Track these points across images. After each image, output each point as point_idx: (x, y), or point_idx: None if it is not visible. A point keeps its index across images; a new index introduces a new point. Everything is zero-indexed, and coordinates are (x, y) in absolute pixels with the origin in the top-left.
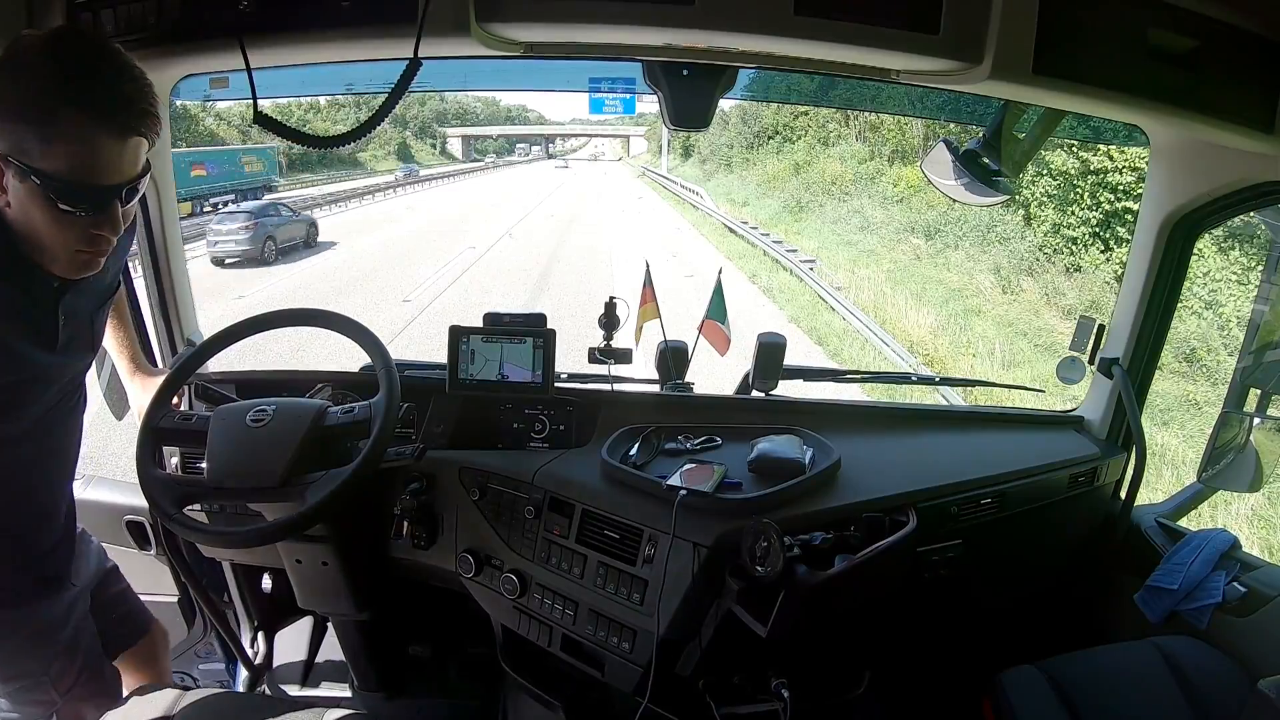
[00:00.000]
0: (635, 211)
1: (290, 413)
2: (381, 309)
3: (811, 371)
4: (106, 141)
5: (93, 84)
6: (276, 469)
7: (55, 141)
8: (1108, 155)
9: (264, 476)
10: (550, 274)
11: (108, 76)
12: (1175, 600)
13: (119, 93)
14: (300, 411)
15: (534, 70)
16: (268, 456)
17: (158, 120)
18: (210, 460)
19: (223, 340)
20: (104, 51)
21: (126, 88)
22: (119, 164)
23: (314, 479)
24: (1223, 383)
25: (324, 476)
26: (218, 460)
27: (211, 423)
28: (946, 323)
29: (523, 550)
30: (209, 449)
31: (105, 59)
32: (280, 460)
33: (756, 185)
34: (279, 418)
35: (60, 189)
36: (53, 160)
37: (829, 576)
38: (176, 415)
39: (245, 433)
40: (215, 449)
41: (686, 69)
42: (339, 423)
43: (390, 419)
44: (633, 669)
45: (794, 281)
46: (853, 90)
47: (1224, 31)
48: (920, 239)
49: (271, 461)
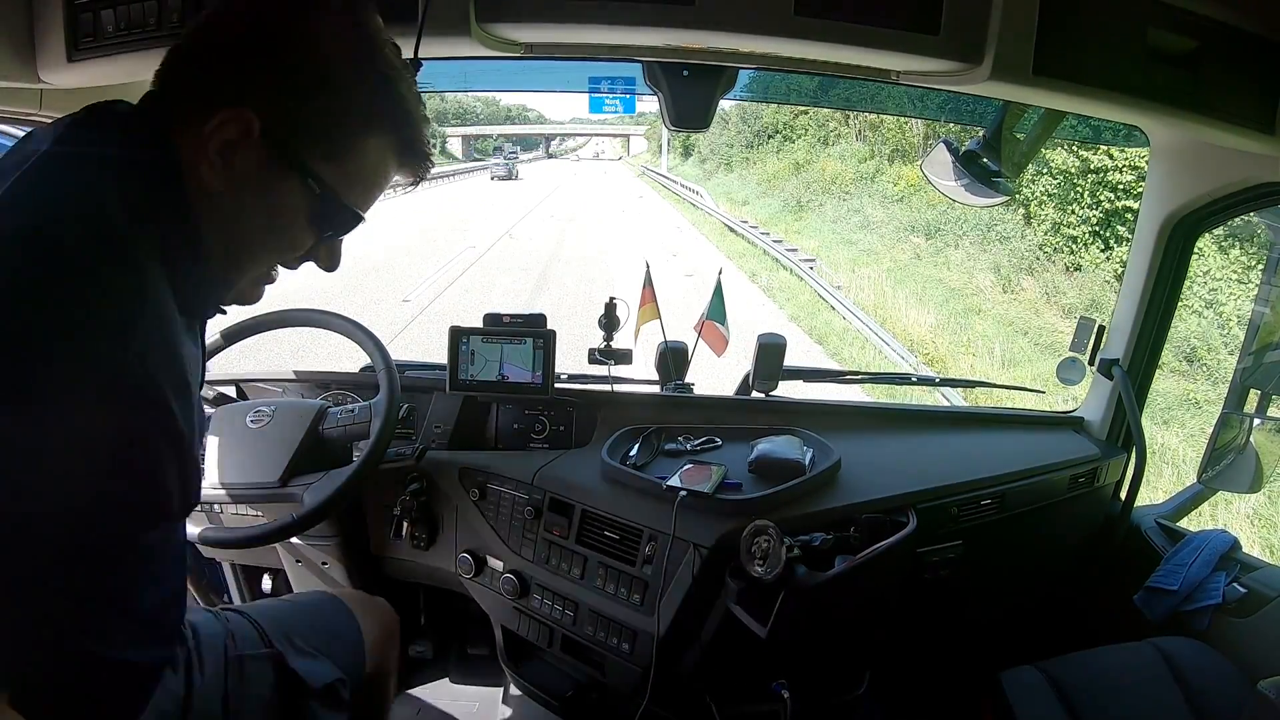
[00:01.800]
0: (635, 211)
1: (290, 413)
2: (381, 309)
3: (812, 372)
4: (392, 181)
5: (422, 123)
6: (276, 469)
7: (357, 153)
8: (1108, 154)
9: (264, 476)
10: (550, 273)
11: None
12: (1175, 601)
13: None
14: (300, 412)
15: (534, 70)
16: (267, 456)
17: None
18: (209, 461)
19: (220, 344)
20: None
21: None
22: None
23: (313, 480)
24: (1223, 382)
25: (324, 478)
26: (219, 462)
27: (212, 423)
28: (947, 322)
29: (523, 551)
30: (211, 450)
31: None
32: (280, 460)
33: (756, 184)
34: (279, 418)
35: (331, 206)
36: (342, 174)
37: (829, 577)
38: None
39: (245, 433)
40: (214, 451)
41: (686, 69)
42: (339, 424)
43: (390, 420)
44: (633, 670)
45: (794, 281)
46: (853, 90)
47: (1224, 31)
48: (920, 238)
49: (271, 461)
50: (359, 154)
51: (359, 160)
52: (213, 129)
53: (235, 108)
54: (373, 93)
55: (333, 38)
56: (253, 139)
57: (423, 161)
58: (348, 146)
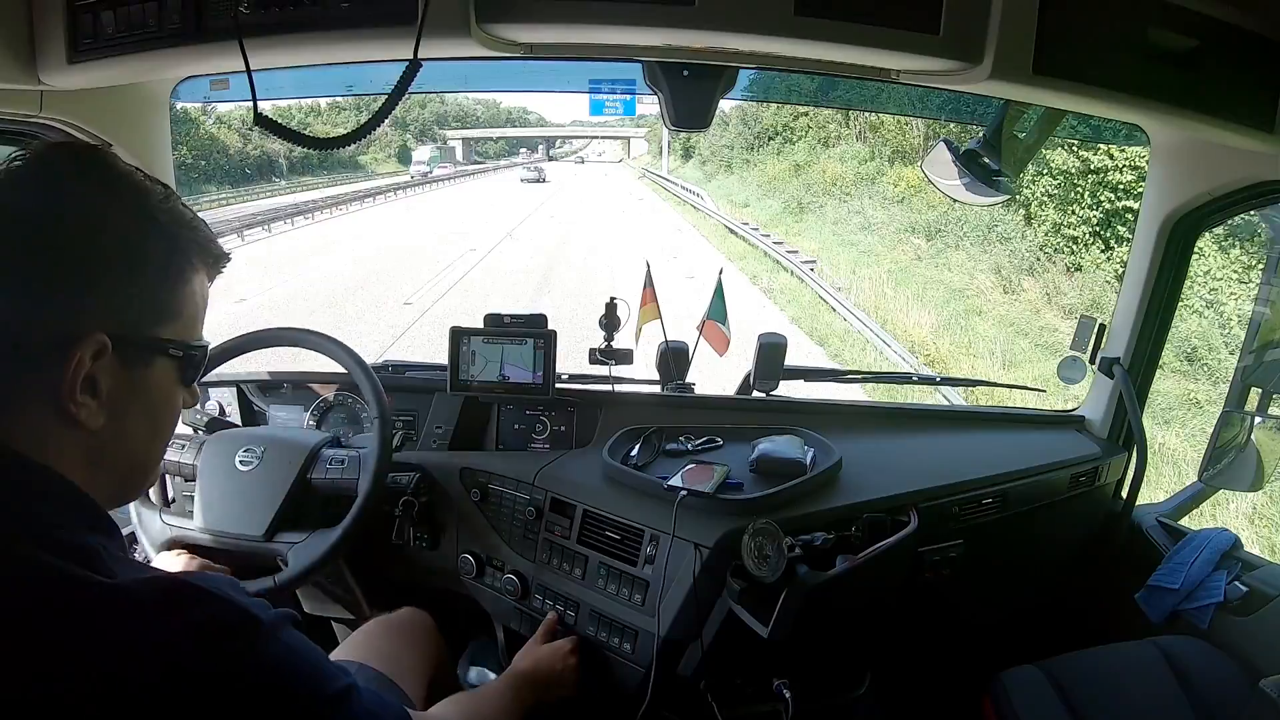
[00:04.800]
0: (636, 213)
1: (281, 454)
2: (383, 311)
3: (812, 372)
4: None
5: (205, 226)
6: (262, 522)
7: (187, 299)
8: (1108, 154)
9: (249, 529)
10: (551, 274)
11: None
12: (1176, 600)
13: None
14: (291, 455)
15: (534, 72)
16: (255, 506)
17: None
18: (199, 502)
19: (210, 364)
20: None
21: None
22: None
23: (298, 540)
24: (1223, 381)
25: (308, 540)
26: (205, 505)
27: (203, 455)
28: (947, 323)
29: (524, 551)
30: (199, 490)
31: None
32: (266, 512)
33: (757, 186)
34: (269, 459)
35: (192, 356)
36: (183, 323)
37: (830, 577)
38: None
39: (233, 475)
40: (204, 492)
41: (687, 69)
42: (327, 476)
43: (377, 484)
44: (634, 670)
45: (795, 282)
46: (853, 90)
47: (1224, 30)
48: (921, 239)
49: (258, 512)
50: (188, 297)
51: (190, 301)
52: (71, 374)
53: (80, 343)
54: (171, 240)
55: (114, 217)
56: (107, 355)
57: (225, 261)
58: (179, 297)
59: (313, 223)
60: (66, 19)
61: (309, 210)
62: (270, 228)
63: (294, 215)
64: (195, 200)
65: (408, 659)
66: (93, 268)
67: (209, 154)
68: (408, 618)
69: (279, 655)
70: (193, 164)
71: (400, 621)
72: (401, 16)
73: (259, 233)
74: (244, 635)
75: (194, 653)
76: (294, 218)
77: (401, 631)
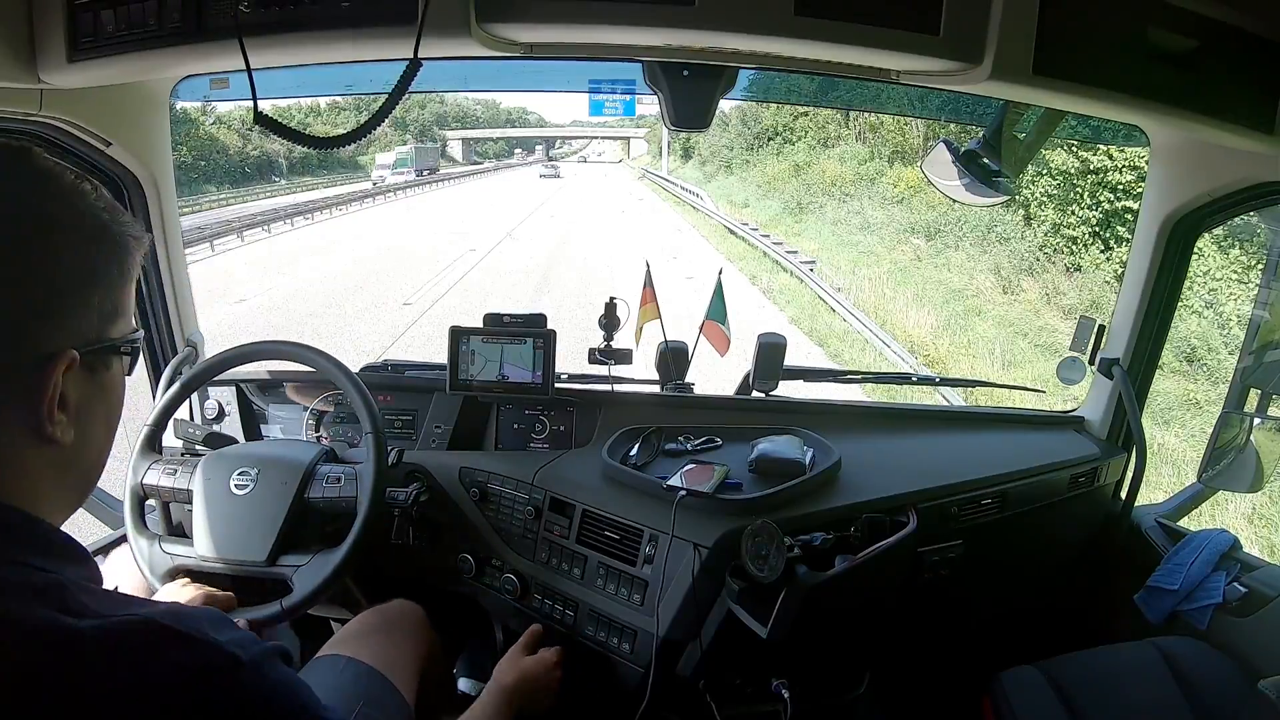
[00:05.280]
0: (636, 213)
1: (276, 475)
2: (383, 312)
3: (812, 372)
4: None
5: (118, 208)
6: (264, 546)
7: (130, 293)
8: (1108, 154)
9: (251, 554)
10: (551, 274)
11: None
12: (1175, 600)
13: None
14: (286, 475)
15: (534, 72)
16: (254, 530)
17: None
18: (199, 528)
19: (201, 377)
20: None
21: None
22: None
23: (302, 563)
24: (1223, 382)
25: (312, 561)
26: (204, 532)
27: (197, 475)
28: (947, 323)
29: (523, 551)
30: (196, 516)
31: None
32: (267, 535)
33: (757, 186)
34: (264, 481)
35: (137, 350)
36: (126, 318)
37: (829, 577)
38: (161, 469)
39: (230, 499)
40: (202, 518)
41: (686, 69)
42: (324, 494)
43: (375, 504)
44: (633, 670)
45: (794, 283)
46: (853, 91)
47: (1224, 31)
48: (920, 239)
49: (258, 536)
50: (130, 292)
51: (131, 294)
52: (50, 396)
53: (53, 362)
54: (115, 240)
55: (69, 234)
56: (75, 368)
57: (147, 240)
58: (127, 294)
59: (312, 223)
60: (66, 17)
61: (309, 210)
62: (270, 228)
63: (294, 215)
64: (195, 200)
65: (399, 652)
66: (59, 288)
67: (209, 154)
68: (398, 610)
69: (262, 696)
70: (192, 164)
71: (391, 614)
72: (401, 16)
73: (259, 233)
74: (221, 678)
75: (166, 703)
76: (294, 218)
77: (392, 624)
